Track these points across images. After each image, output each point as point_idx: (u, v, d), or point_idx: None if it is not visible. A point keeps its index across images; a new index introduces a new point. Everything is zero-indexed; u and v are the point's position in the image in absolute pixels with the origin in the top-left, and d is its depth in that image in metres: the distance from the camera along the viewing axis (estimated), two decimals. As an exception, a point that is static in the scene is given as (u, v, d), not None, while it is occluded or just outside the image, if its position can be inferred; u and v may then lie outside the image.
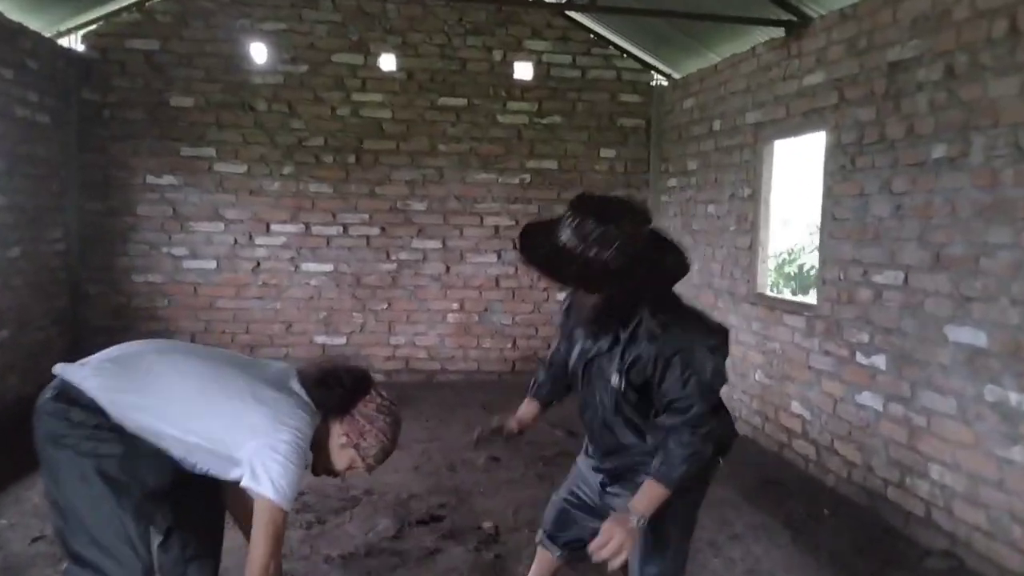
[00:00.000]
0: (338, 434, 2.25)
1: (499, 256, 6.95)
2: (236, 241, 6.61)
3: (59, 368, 2.18)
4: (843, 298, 4.34)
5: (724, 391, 2.23)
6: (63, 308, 6.17)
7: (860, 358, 4.18)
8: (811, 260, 9.55)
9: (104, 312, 6.46)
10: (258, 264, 6.66)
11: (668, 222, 6.69)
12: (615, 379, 2.18)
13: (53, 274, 5.98)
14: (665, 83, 6.90)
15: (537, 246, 2.11)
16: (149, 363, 2.20)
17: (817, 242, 9.76)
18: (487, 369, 6.98)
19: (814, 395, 4.59)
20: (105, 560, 2.06)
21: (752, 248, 5.31)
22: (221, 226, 6.58)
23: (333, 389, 2.23)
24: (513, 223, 6.91)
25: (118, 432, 2.09)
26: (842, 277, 4.36)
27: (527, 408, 2.64)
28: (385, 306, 6.84)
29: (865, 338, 4.14)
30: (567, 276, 2.09)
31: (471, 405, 6.09)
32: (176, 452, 2.15)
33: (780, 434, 4.87)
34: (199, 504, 2.38)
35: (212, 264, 6.60)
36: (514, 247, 2.19)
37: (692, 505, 2.34)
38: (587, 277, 2.04)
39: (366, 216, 6.75)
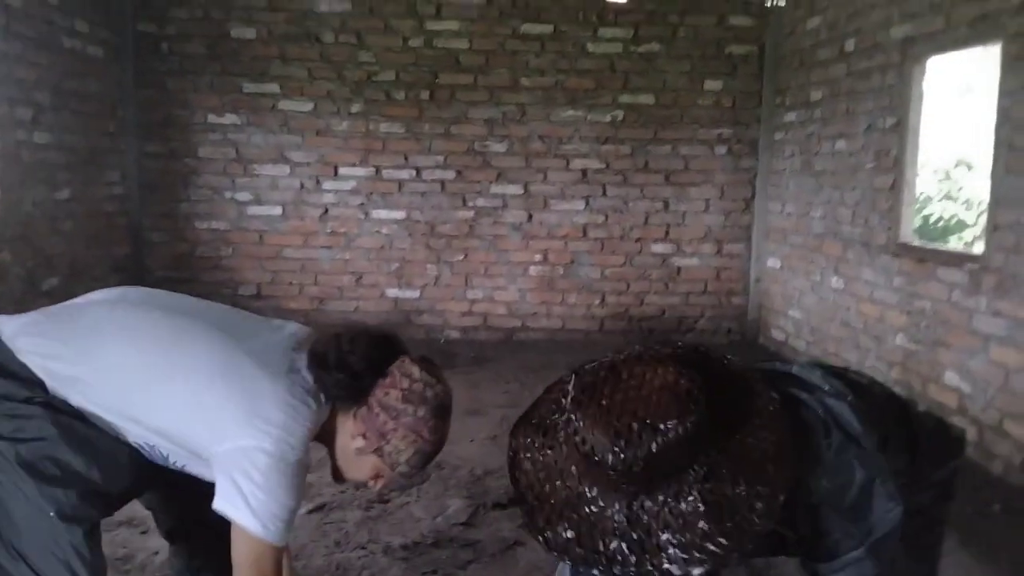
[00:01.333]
0: (352, 434, 1.60)
1: (587, 203, 6.23)
2: (303, 185, 6.11)
3: None
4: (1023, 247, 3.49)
5: (855, 359, 1.56)
6: (125, 256, 5.82)
7: (1047, 321, 3.34)
8: (940, 210, 8.50)
9: (167, 261, 6.09)
10: (326, 211, 6.14)
11: (784, 163, 5.84)
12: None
13: (111, 219, 5.61)
14: (784, 2, 5.97)
15: (579, 545, 1.25)
16: (93, 319, 1.60)
17: (945, 189, 8.74)
18: (573, 327, 6.33)
19: (978, 365, 3.76)
20: None
21: (895, 188, 4.44)
22: (287, 169, 6.08)
23: (332, 373, 1.55)
24: (603, 166, 6.17)
25: (53, 409, 1.50)
26: (1023, 222, 3.49)
27: None
28: (461, 257, 6.25)
29: (1055, 296, 3.30)
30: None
31: (555, 367, 5.43)
32: (135, 439, 1.57)
33: (929, 410, 4.06)
34: (198, 502, 1.83)
35: (278, 210, 6.13)
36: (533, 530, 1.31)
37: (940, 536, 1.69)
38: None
39: (441, 159, 6.12)
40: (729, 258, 6.34)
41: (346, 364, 1.54)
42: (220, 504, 1.48)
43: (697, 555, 1.17)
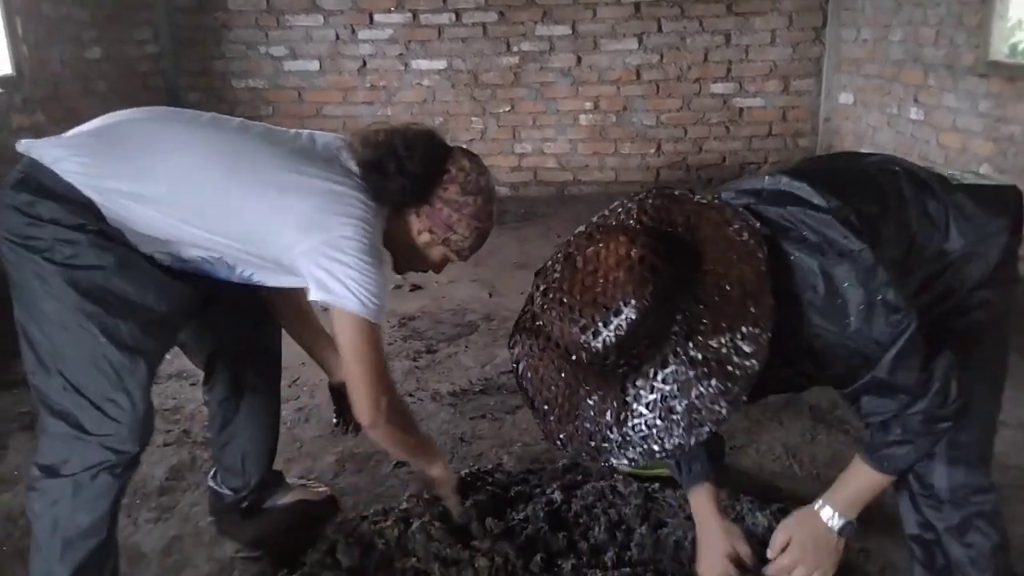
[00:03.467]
0: (417, 230, 1.70)
1: (640, 41, 5.78)
2: (338, 36, 5.81)
3: (24, 145, 1.52)
4: None
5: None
6: (163, 119, 5.71)
7: None
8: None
9: (208, 124, 5.96)
10: (364, 63, 5.86)
11: (859, -16, 5.27)
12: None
13: (145, 79, 5.47)
14: None
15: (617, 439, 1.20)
16: (148, 136, 1.54)
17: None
18: (627, 179, 6.05)
19: (1074, 194, 3.41)
20: (83, 409, 1.47)
21: (986, 0, 3.94)
22: (320, 19, 5.77)
23: (393, 179, 1.60)
24: (658, -3, 5.68)
25: (108, 236, 1.46)
26: None
27: (704, 499, 1.60)
28: (508, 108, 5.94)
29: None
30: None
31: (608, 218, 5.25)
32: (196, 252, 1.55)
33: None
34: (241, 321, 1.83)
35: (315, 65, 5.87)
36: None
37: (1001, 345, 1.46)
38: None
39: (481, -2, 5.73)
40: (797, 96, 5.88)
41: (407, 170, 1.60)
42: (316, 294, 1.52)
43: (698, 418, 1.13)
